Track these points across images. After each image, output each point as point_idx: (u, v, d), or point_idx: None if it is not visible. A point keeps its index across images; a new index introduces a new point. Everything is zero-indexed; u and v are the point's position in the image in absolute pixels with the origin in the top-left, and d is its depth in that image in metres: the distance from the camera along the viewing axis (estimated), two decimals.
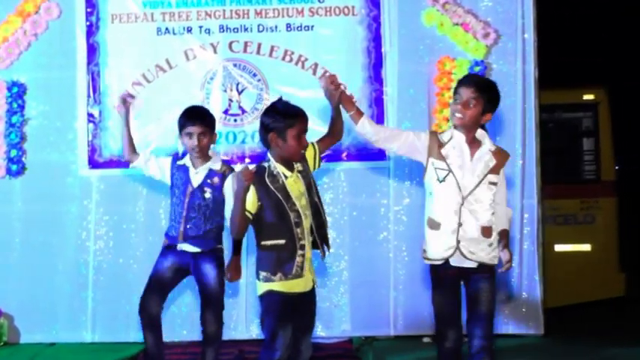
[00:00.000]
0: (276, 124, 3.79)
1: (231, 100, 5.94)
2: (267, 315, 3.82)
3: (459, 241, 3.75)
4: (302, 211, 3.79)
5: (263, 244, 3.82)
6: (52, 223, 5.94)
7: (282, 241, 3.77)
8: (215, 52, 5.95)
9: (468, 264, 3.77)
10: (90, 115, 5.95)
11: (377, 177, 5.94)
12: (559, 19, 10.21)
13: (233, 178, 4.42)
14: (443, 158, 3.79)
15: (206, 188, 4.43)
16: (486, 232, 3.77)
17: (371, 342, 5.76)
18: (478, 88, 3.77)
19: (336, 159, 5.80)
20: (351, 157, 5.89)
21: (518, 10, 5.89)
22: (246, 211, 3.74)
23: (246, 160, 5.86)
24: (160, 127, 5.83)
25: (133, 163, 4.66)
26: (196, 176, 4.46)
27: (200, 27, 5.94)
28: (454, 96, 3.84)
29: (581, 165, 7.72)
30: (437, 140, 3.84)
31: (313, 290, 3.90)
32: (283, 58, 5.92)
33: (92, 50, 5.95)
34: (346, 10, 5.93)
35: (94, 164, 5.94)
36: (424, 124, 5.83)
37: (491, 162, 3.79)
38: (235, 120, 5.94)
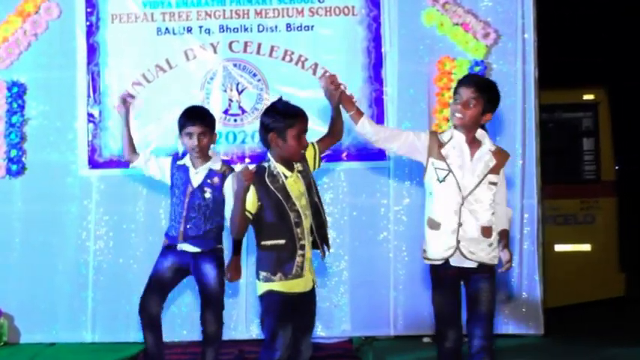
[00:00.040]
0: (276, 124, 3.79)
1: (231, 100, 5.94)
2: (267, 315, 3.82)
3: (458, 241, 3.75)
4: (302, 211, 3.79)
5: (263, 244, 3.82)
6: (52, 223, 5.94)
7: (282, 241, 3.77)
8: (215, 52, 5.95)
9: (468, 264, 3.77)
10: (90, 115, 5.95)
11: (377, 177, 5.94)
12: (559, 19, 10.21)
13: (233, 178, 4.42)
14: (443, 158, 3.80)
15: (206, 188, 4.43)
16: (486, 232, 3.77)
17: (371, 342, 5.76)
18: (478, 88, 3.77)
19: (336, 159, 5.81)
20: (351, 157, 5.89)
21: (518, 10, 5.89)
22: (246, 211, 3.74)
23: (247, 160, 5.86)
24: (160, 127, 5.83)
25: (133, 163, 4.66)
26: (196, 176, 4.46)
27: (200, 27, 5.94)
28: (454, 96, 3.84)
29: (581, 165, 7.72)
30: (437, 140, 3.84)
31: (313, 290, 3.90)
32: (283, 58, 5.92)
33: (92, 50, 5.95)
34: (346, 10, 5.93)
35: (94, 164, 5.94)
36: (424, 124, 5.83)
37: (492, 162, 3.79)
38: (235, 120, 5.94)
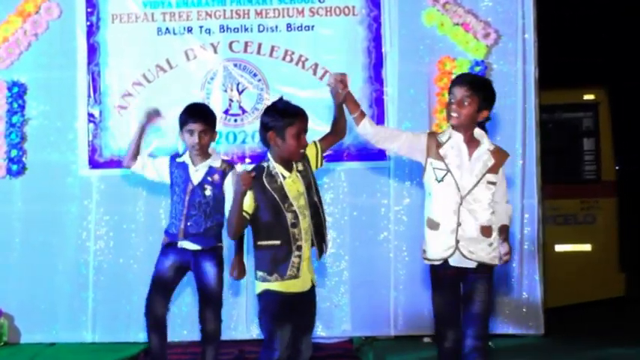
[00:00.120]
0: (275, 123, 3.78)
1: (231, 100, 5.95)
2: (265, 314, 3.82)
3: (458, 241, 3.75)
4: (300, 211, 3.78)
5: (259, 244, 3.82)
6: (52, 223, 5.95)
7: (277, 241, 3.76)
8: (215, 52, 5.95)
9: (468, 264, 3.77)
10: (90, 115, 5.95)
11: (377, 177, 5.94)
12: (559, 20, 10.22)
13: (233, 176, 4.43)
14: (441, 158, 3.80)
15: (206, 186, 4.43)
16: (486, 232, 3.77)
17: (371, 342, 5.76)
18: (471, 87, 3.77)
19: (336, 159, 5.81)
20: (351, 157, 5.89)
21: (519, 10, 5.89)
22: (243, 212, 3.74)
23: (247, 160, 5.87)
24: (160, 127, 5.83)
25: (131, 168, 4.66)
26: (196, 174, 4.46)
27: (200, 27, 5.94)
28: (449, 96, 3.85)
29: (581, 165, 7.72)
30: (435, 140, 3.84)
31: (312, 290, 3.89)
32: (284, 58, 5.93)
33: (92, 50, 5.95)
34: (347, 10, 5.93)
35: (94, 164, 5.94)
36: (424, 124, 5.83)
37: (490, 161, 3.79)
38: (236, 120, 5.95)
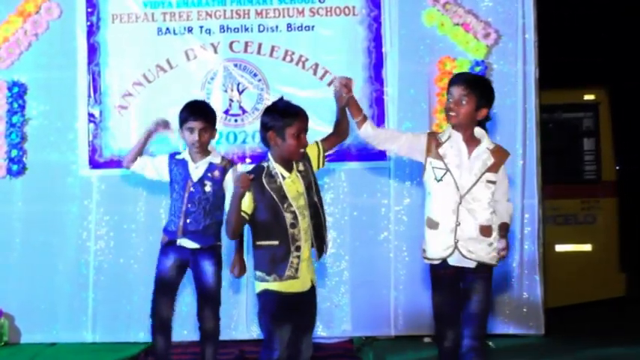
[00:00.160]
0: (274, 123, 3.79)
1: (231, 100, 5.95)
2: (264, 314, 3.83)
3: (457, 241, 3.75)
4: (299, 211, 3.78)
5: (258, 244, 3.82)
6: (52, 223, 5.95)
7: (275, 242, 3.76)
8: (216, 52, 5.95)
9: (467, 263, 3.77)
10: (90, 115, 5.95)
11: (377, 177, 5.94)
12: (560, 20, 10.21)
13: (233, 173, 4.44)
14: (440, 157, 3.80)
15: (206, 182, 4.43)
16: (485, 232, 3.76)
17: (371, 342, 5.76)
18: (468, 85, 3.78)
19: (336, 159, 5.80)
20: (351, 157, 5.88)
21: (519, 10, 5.89)
22: (242, 212, 3.75)
23: (247, 160, 5.87)
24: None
25: (130, 168, 4.66)
26: (196, 170, 4.46)
27: (201, 27, 5.94)
28: (447, 96, 3.86)
29: (581, 165, 7.72)
30: (435, 140, 3.85)
31: (312, 290, 3.88)
32: (284, 59, 5.93)
33: (93, 50, 5.95)
34: (347, 10, 5.93)
35: (94, 164, 5.94)
36: (425, 124, 5.83)
37: (489, 160, 3.79)
38: (236, 120, 5.95)
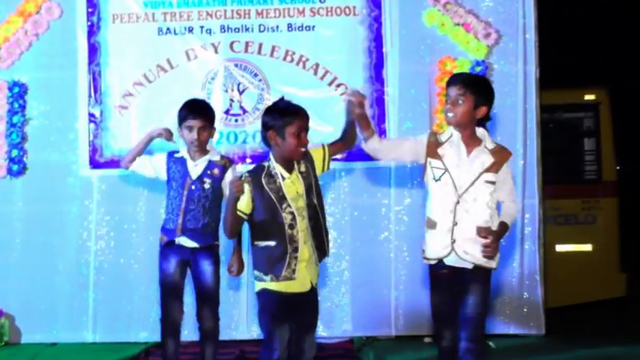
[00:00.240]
0: (274, 122, 3.79)
1: (232, 100, 5.95)
2: (263, 313, 3.84)
3: (454, 241, 3.74)
4: (298, 212, 3.78)
5: (255, 243, 3.84)
6: (53, 223, 5.95)
7: (272, 242, 3.77)
8: (216, 52, 5.95)
9: (463, 264, 3.76)
10: (91, 115, 5.95)
11: (378, 177, 5.94)
12: (560, 20, 10.21)
13: (233, 172, 4.45)
14: (439, 157, 3.80)
15: (206, 179, 4.43)
16: (482, 233, 3.76)
17: (372, 342, 5.76)
18: (464, 85, 3.77)
19: (336, 159, 5.80)
20: (352, 156, 5.87)
21: (519, 10, 5.89)
22: (240, 212, 3.76)
23: (248, 160, 5.86)
24: (161, 127, 5.81)
25: (129, 169, 4.66)
26: (195, 168, 4.46)
27: (201, 27, 5.94)
28: (445, 97, 3.86)
29: (582, 165, 7.72)
30: (435, 140, 3.85)
31: (312, 291, 3.87)
32: (284, 59, 5.92)
33: (93, 50, 5.95)
34: (347, 10, 5.93)
35: (95, 164, 5.94)
36: (425, 124, 5.83)
37: (489, 160, 3.77)
38: (236, 120, 5.95)
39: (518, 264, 5.84)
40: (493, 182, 3.76)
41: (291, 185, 3.80)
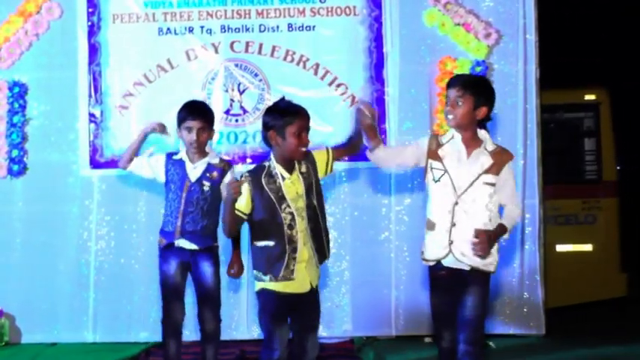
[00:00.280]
0: (275, 122, 3.80)
1: (232, 100, 5.94)
2: (263, 313, 3.86)
3: (451, 242, 3.74)
4: (297, 213, 3.78)
5: (254, 243, 3.85)
6: (53, 224, 5.94)
7: (271, 242, 3.78)
8: (216, 52, 5.95)
9: (460, 266, 3.75)
10: (91, 115, 5.95)
11: (378, 177, 5.93)
12: (560, 20, 10.20)
13: (232, 175, 4.45)
14: (439, 158, 3.80)
15: (205, 182, 4.43)
16: (476, 233, 3.75)
17: (372, 342, 5.76)
18: (462, 86, 3.78)
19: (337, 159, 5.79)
20: (352, 157, 5.87)
21: (520, 10, 5.89)
22: (240, 212, 3.77)
23: (248, 160, 5.86)
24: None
25: (127, 169, 4.66)
26: (194, 171, 4.45)
27: (201, 27, 5.94)
28: (445, 99, 3.87)
29: (582, 165, 7.71)
30: (436, 142, 3.86)
31: (312, 291, 3.87)
32: (285, 58, 5.92)
33: (93, 50, 5.95)
34: (348, 10, 5.93)
35: (95, 164, 5.94)
36: (425, 124, 5.84)
37: (488, 162, 3.76)
38: (237, 120, 5.95)
39: (519, 264, 5.84)
40: (492, 184, 3.76)
41: (291, 186, 3.80)
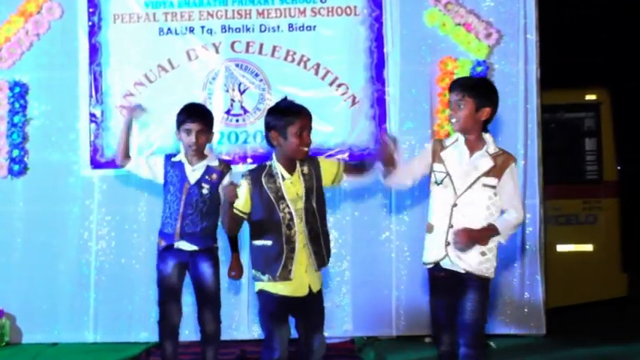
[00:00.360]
0: (276, 122, 3.81)
1: (233, 100, 5.94)
2: (263, 313, 3.87)
3: (448, 244, 3.74)
4: (297, 214, 3.79)
5: (253, 243, 3.86)
6: (53, 224, 5.94)
7: (269, 242, 3.79)
8: (217, 52, 5.95)
9: (457, 268, 3.75)
10: (92, 115, 5.95)
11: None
12: (561, 20, 10.20)
13: (230, 177, 4.45)
14: (442, 161, 3.81)
15: (204, 184, 4.43)
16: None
17: (373, 342, 5.76)
18: (463, 89, 3.79)
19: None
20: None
21: (520, 10, 5.89)
22: (239, 211, 3.78)
23: (249, 160, 5.86)
24: (162, 127, 5.82)
25: (126, 167, 4.66)
26: (193, 173, 4.46)
27: (202, 27, 5.94)
28: (448, 103, 3.88)
29: (583, 165, 7.71)
30: (440, 145, 3.88)
31: (311, 295, 3.85)
32: (285, 59, 5.92)
33: (94, 50, 5.95)
34: (348, 10, 5.93)
35: (95, 164, 5.94)
36: (426, 124, 5.83)
37: (488, 164, 3.76)
38: (237, 120, 5.94)
39: (519, 264, 5.84)
40: (493, 186, 3.75)
41: (291, 186, 3.81)
